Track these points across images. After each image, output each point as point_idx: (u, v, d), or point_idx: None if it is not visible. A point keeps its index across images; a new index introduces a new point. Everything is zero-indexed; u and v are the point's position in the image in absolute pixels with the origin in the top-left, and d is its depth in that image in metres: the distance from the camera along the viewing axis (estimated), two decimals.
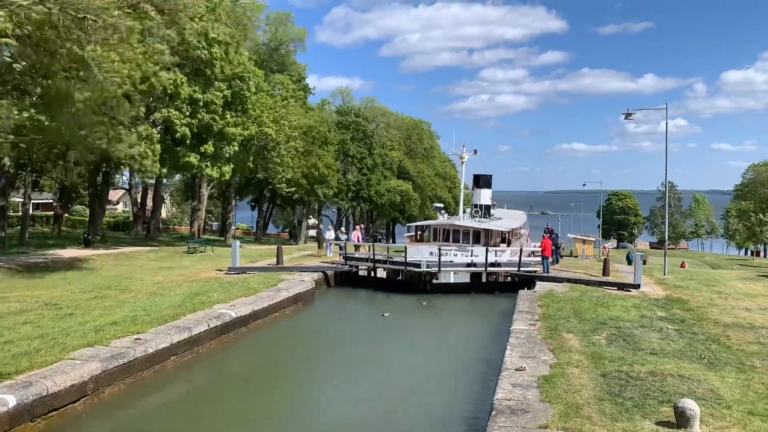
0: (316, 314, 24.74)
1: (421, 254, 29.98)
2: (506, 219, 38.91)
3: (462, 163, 40.89)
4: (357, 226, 44.64)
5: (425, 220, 53.10)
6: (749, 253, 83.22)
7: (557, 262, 31.66)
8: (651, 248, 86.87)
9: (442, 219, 37.66)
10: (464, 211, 40.80)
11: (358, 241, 34.55)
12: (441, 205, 45.48)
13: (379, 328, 24.05)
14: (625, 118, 29.31)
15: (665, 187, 37.09)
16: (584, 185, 73.29)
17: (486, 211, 37.45)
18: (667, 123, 28.87)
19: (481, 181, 38.78)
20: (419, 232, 36.60)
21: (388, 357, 19.58)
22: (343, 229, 41.59)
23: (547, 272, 26.86)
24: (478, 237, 33.25)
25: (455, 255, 30.37)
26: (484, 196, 38.26)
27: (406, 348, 20.81)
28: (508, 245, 33.54)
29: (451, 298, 27.52)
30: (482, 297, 27.35)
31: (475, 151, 41.20)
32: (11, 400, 10.14)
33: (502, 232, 34.02)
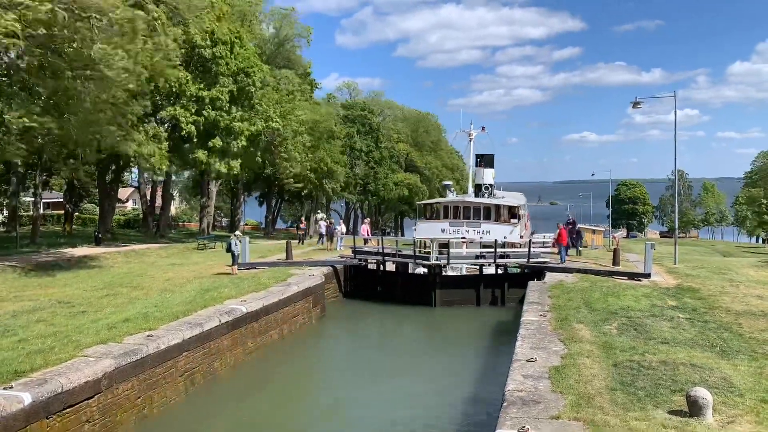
0: (329, 331, 24.98)
1: (432, 231, 30.03)
2: (509, 197, 38.93)
3: (470, 141, 40.62)
4: (365, 221, 44.62)
5: None
6: (760, 240, 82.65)
7: (579, 253, 31.55)
8: (661, 237, 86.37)
9: (452, 196, 37.57)
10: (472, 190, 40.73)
11: (367, 235, 34.57)
12: (450, 182, 45.21)
13: (391, 342, 24.22)
14: (633, 107, 29.17)
15: (675, 175, 36.83)
16: (593, 175, 72.77)
17: (490, 190, 37.47)
18: (675, 110, 28.68)
19: (484, 161, 38.71)
20: (428, 211, 36.53)
21: (403, 367, 19.81)
22: (323, 215, 40.45)
23: (563, 261, 26.83)
24: (488, 213, 33.28)
25: (466, 231, 30.43)
26: (487, 175, 38.18)
27: (419, 358, 21.06)
28: (518, 220, 33.66)
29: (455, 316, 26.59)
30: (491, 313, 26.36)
31: (483, 128, 41.01)
32: (27, 398, 10.24)
33: (511, 207, 34.12)
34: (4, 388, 10.41)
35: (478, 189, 37.74)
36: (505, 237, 30.97)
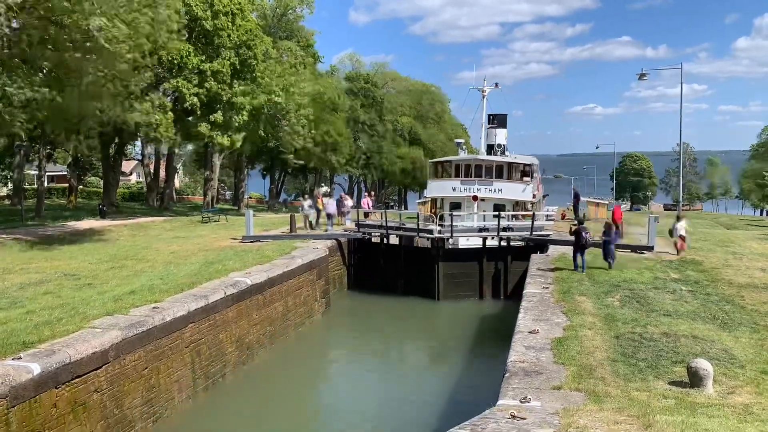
0: (333, 303, 25.29)
1: (444, 190, 29.99)
2: (521, 157, 38.90)
3: (483, 98, 40.03)
4: (367, 194, 44.65)
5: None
6: (764, 213, 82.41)
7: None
8: (665, 210, 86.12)
9: (464, 155, 37.41)
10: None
11: (368, 208, 34.60)
12: (462, 140, 44.97)
13: (396, 315, 24.39)
14: (640, 79, 29.07)
15: (680, 147, 36.56)
16: (597, 147, 72.51)
17: (503, 148, 37.40)
18: (682, 82, 28.44)
19: (497, 121, 38.46)
20: (440, 169, 36.47)
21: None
22: (326, 189, 39.82)
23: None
24: (501, 171, 33.20)
25: (478, 189, 30.55)
26: (500, 135, 37.94)
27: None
28: (531, 178, 33.72)
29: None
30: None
31: (497, 85, 40.56)
32: (36, 368, 10.39)
33: (524, 165, 34.08)
34: (13, 359, 10.56)
35: (490, 149, 37.60)
36: (517, 195, 31.06)
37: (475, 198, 31.24)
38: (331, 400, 16.77)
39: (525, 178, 33.55)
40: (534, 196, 32.86)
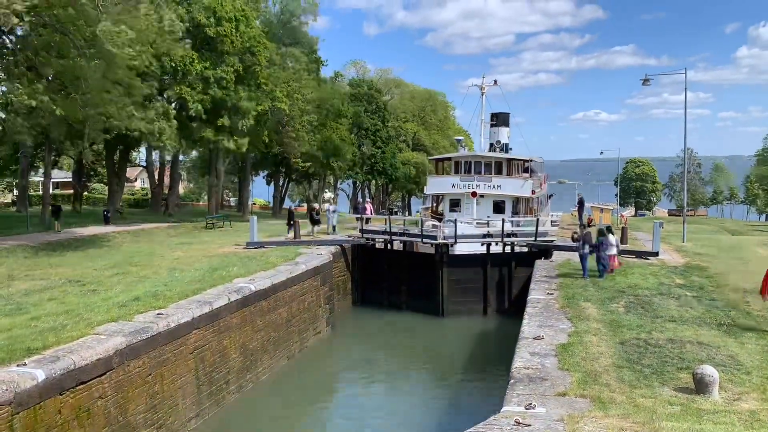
0: (337, 308, 25.14)
1: (443, 187, 30.02)
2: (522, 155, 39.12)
3: (482, 95, 40.23)
4: (367, 200, 44.84)
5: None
6: None
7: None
8: (669, 215, 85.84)
9: (464, 151, 37.54)
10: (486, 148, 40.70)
11: (370, 214, 34.69)
12: (461, 138, 45.16)
13: (399, 321, 24.33)
14: (643, 84, 28.99)
15: (684, 152, 36.50)
16: (601, 153, 72.12)
17: (504, 148, 37.51)
18: (686, 88, 28.41)
19: (500, 119, 38.62)
20: (440, 166, 36.61)
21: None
22: (330, 195, 40.71)
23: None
24: (500, 167, 33.23)
25: (477, 186, 30.63)
26: (502, 134, 38.10)
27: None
28: (531, 175, 33.76)
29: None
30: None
31: (495, 82, 40.76)
32: (40, 375, 10.40)
33: (524, 161, 34.14)
34: (18, 365, 10.57)
35: (491, 147, 37.72)
36: (516, 191, 31.13)
37: (474, 194, 31.24)
38: (336, 405, 16.75)
39: (525, 174, 33.66)
40: (534, 192, 32.84)
